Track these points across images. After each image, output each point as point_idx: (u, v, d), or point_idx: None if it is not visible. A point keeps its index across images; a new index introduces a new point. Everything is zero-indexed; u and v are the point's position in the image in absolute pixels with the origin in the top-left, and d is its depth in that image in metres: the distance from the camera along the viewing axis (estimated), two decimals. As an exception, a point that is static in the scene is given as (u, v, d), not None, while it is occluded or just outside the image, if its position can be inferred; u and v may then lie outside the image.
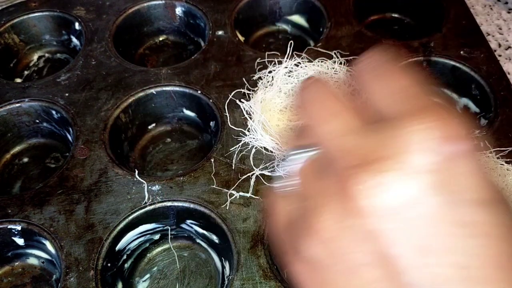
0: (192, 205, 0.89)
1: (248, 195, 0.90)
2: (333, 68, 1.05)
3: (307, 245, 0.33)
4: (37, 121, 1.09)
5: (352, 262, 0.32)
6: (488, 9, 1.40)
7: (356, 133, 0.34)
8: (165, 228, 0.93)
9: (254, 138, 0.96)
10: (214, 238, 0.91)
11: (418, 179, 0.30)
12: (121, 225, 0.87)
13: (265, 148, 0.96)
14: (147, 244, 0.94)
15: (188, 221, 0.92)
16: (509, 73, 1.19)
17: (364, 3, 1.28)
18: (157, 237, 0.94)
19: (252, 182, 0.91)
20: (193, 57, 1.14)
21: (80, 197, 0.91)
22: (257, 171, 0.92)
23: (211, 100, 1.05)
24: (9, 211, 0.90)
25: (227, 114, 1.02)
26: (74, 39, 1.28)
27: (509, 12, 1.39)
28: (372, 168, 0.31)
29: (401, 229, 0.30)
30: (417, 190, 0.30)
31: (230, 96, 1.04)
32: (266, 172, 0.92)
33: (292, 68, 1.05)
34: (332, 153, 0.34)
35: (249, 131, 0.98)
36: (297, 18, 1.32)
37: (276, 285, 0.80)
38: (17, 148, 1.11)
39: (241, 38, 1.23)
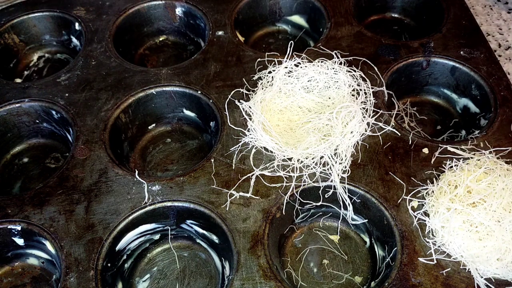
0: (192, 205, 0.89)
1: (248, 195, 0.90)
2: (333, 68, 1.05)
3: None
4: (37, 121, 1.09)
5: None
6: (488, 9, 1.40)
7: None
8: (165, 228, 0.93)
9: (254, 138, 0.96)
10: (214, 238, 0.91)
11: None
12: (121, 225, 0.87)
13: (265, 148, 0.96)
14: (147, 244, 0.94)
15: (188, 221, 0.92)
16: (509, 73, 1.19)
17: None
18: (157, 237, 0.94)
19: (252, 182, 0.91)
20: (193, 57, 1.15)
21: (80, 197, 0.91)
22: (257, 171, 0.92)
23: (211, 100, 1.05)
24: (9, 211, 0.90)
25: (227, 114, 1.02)
26: (74, 39, 1.28)
27: (509, 12, 1.39)
28: None
29: None
30: None
31: (229, 97, 1.04)
32: (266, 172, 0.92)
33: (292, 68, 1.05)
34: None
35: (249, 131, 0.98)
36: (297, 18, 1.32)
37: (276, 285, 0.80)
38: (17, 148, 1.11)
39: (241, 39, 1.23)
